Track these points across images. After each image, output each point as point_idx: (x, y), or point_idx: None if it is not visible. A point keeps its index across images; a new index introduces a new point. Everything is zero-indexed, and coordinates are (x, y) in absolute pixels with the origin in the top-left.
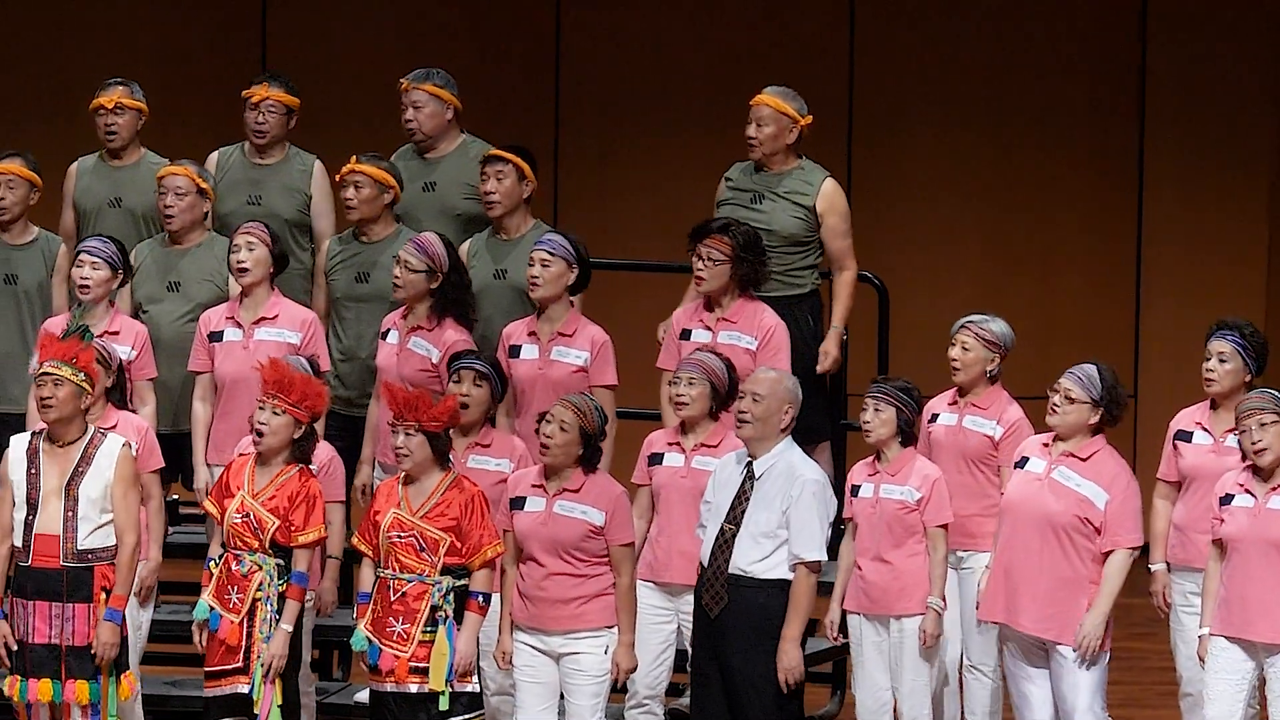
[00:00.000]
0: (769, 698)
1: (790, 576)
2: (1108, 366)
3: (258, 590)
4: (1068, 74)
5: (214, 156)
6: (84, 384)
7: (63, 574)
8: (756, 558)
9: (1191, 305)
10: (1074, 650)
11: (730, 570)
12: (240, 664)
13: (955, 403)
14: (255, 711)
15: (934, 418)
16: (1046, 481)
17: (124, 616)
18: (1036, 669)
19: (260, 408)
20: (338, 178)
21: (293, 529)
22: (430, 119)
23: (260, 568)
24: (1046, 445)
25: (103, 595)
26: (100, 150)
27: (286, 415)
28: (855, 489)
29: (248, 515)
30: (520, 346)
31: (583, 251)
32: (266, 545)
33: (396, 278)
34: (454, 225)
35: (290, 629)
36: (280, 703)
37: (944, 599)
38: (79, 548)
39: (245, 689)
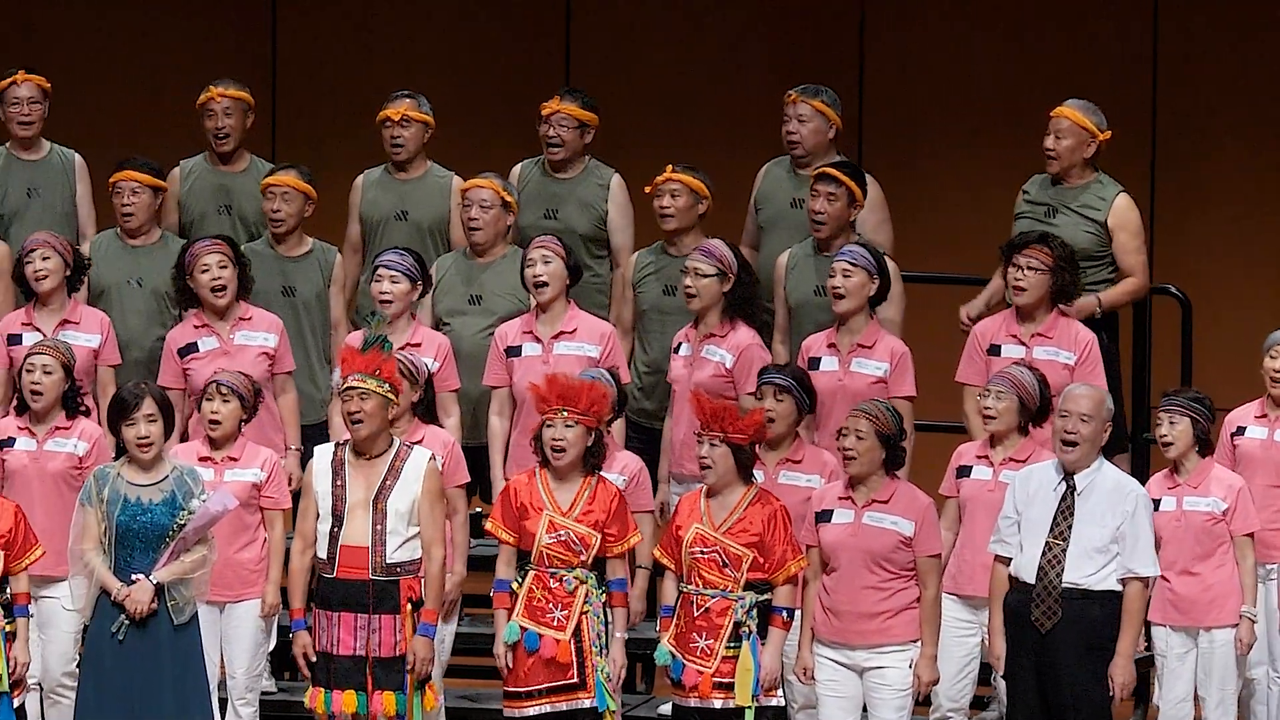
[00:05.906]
0: (1096, 709)
1: (1118, 588)
2: None
3: (584, 604)
4: None
5: (515, 170)
6: (389, 394)
7: (369, 586)
8: (1089, 571)
9: None
10: None
11: (1063, 585)
12: (576, 679)
13: (1264, 415)
14: None
15: (1240, 430)
16: None
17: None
18: None
19: (549, 425)
20: (649, 188)
21: (610, 539)
22: (813, 135)
23: (584, 582)
24: None
25: (408, 607)
26: (386, 163)
27: (579, 425)
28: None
29: (561, 534)
30: (819, 359)
31: (884, 262)
32: (589, 560)
33: (689, 287)
34: None
35: (625, 636)
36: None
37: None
38: (387, 561)
39: (588, 703)
